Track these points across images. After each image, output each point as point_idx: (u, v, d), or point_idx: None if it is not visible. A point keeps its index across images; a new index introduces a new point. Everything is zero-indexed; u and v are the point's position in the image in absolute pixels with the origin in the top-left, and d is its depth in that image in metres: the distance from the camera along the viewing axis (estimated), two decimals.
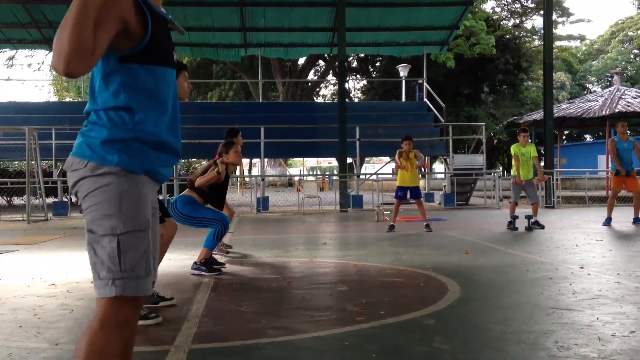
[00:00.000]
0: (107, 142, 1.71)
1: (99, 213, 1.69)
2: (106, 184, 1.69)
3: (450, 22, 20.23)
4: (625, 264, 5.53)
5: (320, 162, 60.77)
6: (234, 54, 22.80)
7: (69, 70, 1.55)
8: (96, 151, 1.71)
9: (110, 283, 1.66)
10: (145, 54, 1.74)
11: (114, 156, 1.70)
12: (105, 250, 1.67)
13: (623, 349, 2.82)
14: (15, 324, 3.57)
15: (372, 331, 3.30)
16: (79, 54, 1.54)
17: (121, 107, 1.73)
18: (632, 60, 45.76)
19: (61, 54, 1.53)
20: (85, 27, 1.55)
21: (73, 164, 1.75)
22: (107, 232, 1.68)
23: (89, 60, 1.58)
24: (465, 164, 17.04)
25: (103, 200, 1.69)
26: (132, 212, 1.71)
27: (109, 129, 1.72)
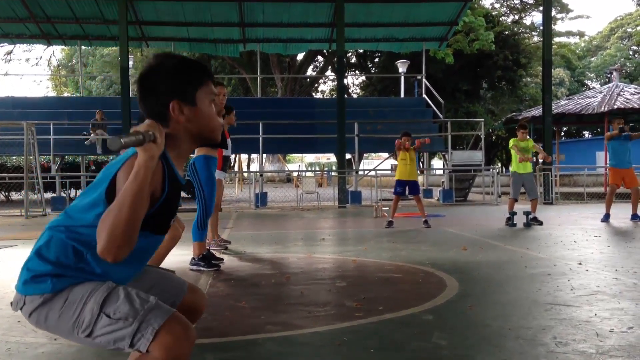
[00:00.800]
0: (37, 277, 1.66)
1: (67, 326, 1.64)
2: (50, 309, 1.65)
3: (450, 18, 20.22)
4: (624, 260, 5.54)
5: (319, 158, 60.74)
6: (233, 50, 22.78)
7: (118, 259, 1.53)
8: (29, 285, 1.67)
9: (136, 339, 1.58)
10: (146, 221, 1.63)
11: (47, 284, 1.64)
12: (104, 325, 1.60)
13: (621, 345, 2.83)
14: (14, 318, 3.57)
15: (370, 327, 3.30)
16: (130, 246, 1.54)
17: (75, 248, 1.66)
18: (631, 56, 45.80)
19: (112, 244, 1.50)
20: (139, 220, 1.54)
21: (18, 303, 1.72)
22: (85, 332, 1.62)
23: (132, 246, 1.56)
24: (464, 160, 17.05)
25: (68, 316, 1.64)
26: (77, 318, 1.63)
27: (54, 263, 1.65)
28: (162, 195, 1.67)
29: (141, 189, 1.53)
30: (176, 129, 1.73)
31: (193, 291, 2.02)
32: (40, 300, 1.65)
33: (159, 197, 1.66)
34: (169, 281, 1.98)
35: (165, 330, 1.58)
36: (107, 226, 1.51)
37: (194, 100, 1.74)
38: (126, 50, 15.81)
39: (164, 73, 1.73)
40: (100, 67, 39.02)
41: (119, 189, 1.58)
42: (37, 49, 40.94)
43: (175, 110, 1.71)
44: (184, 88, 1.73)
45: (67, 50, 40.93)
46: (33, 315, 1.68)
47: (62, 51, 42.64)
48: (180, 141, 1.76)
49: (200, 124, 1.76)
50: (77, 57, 32.01)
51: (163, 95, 1.71)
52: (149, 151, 1.54)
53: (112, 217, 1.51)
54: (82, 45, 23.11)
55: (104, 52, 38.14)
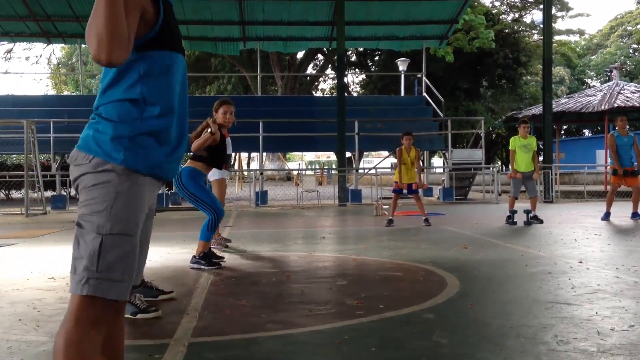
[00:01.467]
0: (115, 138, 1.67)
1: (90, 209, 1.67)
2: (105, 182, 1.67)
3: (450, 16, 20.19)
4: (624, 259, 5.54)
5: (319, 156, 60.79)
6: (233, 48, 22.75)
7: (112, 60, 1.54)
8: (102, 147, 1.68)
9: (84, 281, 1.63)
10: (159, 39, 1.72)
11: (119, 154, 1.66)
12: (88, 247, 1.64)
13: (622, 343, 2.83)
14: (15, 317, 3.57)
15: (371, 325, 3.30)
16: (119, 43, 1.54)
17: (134, 99, 1.70)
18: (631, 55, 45.78)
19: (101, 44, 1.52)
20: (120, 15, 1.55)
21: (77, 158, 1.72)
22: (93, 230, 1.65)
23: (128, 48, 1.57)
24: (464, 159, 17.05)
25: (97, 197, 1.67)
26: (123, 214, 1.67)
27: (117, 124, 1.68)
28: (159, 17, 1.72)
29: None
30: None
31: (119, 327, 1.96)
32: (106, 167, 1.67)
33: (154, 17, 1.70)
34: (141, 259, 1.96)
35: (102, 304, 1.64)
36: (91, 29, 1.54)
37: None
38: None
39: None
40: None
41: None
42: (37, 47, 40.87)
43: None
44: None
45: (67, 48, 40.89)
46: (88, 177, 1.69)
47: (62, 49, 42.61)
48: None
49: None
50: (77, 56, 31.99)
51: None
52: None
53: (93, 18, 1.54)
54: (82, 43, 23.03)
55: None
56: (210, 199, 5.40)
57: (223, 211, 5.56)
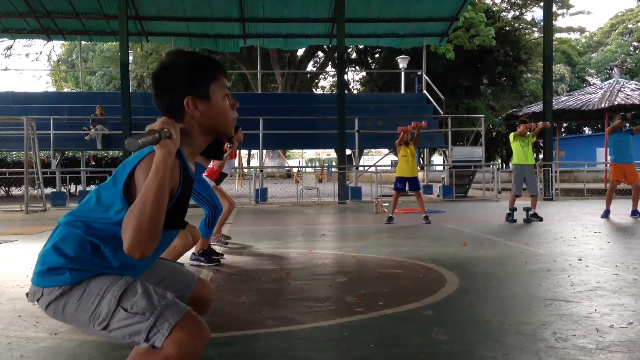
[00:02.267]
0: (53, 270, 1.67)
1: (85, 317, 1.66)
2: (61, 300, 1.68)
3: (450, 13, 20.16)
4: (623, 256, 5.54)
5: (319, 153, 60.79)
6: (233, 45, 22.73)
7: (146, 255, 1.55)
8: (47, 277, 1.68)
9: (150, 334, 1.59)
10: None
11: (65, 276, 1.66)
12: (125, 323, 1.62)
13: (621, 340, 2.83)
14: (14, 313, 3.57)
15: (370, 322, 3.30)
16: (155, 241, 1.55)
17: (93, 243, 1.68)
18: (631, 52, 45.71)
19: (139, 240, 1.52)
20: (164, 209, 1.56)
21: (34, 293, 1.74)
22: (101, 326, 1.64)
23: (158, 241, 1.58)
24: (464, 156, 17.04)
25: (84, 308, 1.66)
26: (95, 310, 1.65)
27: (70, 260, 1.67)
28: (177, 192, 1.70)
29: (162, 184, 1.55)
30: (190, 124, 1.76)
31: (202, 284, 2.06)
32: (59, 292, 1.67)
33: (174, 194, 1.69)
34: (179, 274, 2.01)
35: (180, 327, 1.59)
36: (132, 224, 1.52)
37: (208, 95, 1.77)
38: (126, 46, 15.77)
39: (177, 70, 1.75)
40: (100, 62, 38.95)
41: (138, 186, 1.61)
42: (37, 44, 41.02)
43: (190, 105, 1.74)
44: (197, 84, 1.76)
45: (67, 45, 40.86)
46: (50, 307, 1.70)
47: (62, 46, 42.58)
48: (194, 137, 1.79)
49: (215, 118, 1.79)
50: (77, 52, 31.98)
51: (177, 92, 1.74)
52: (166, 147, 1.57)
53: (137, 214, 1.53)
54: (82, 40, 23.05)
55: (104, 47, 38.06)
56: (208, 194, 5.41)
57: (221, 208, 5.56)
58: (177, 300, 1.67)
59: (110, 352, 2.78)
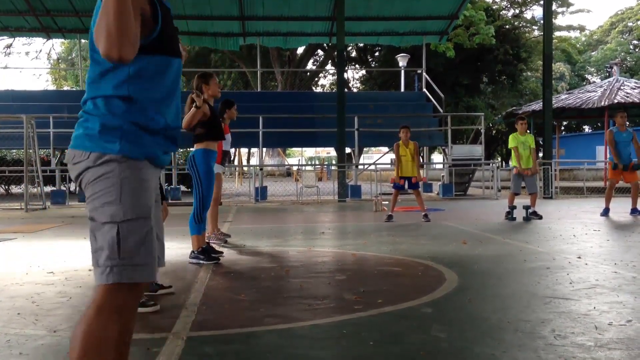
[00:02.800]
0: (106, 131, 1.71)
1: (99, 201, 1.70)
2: (107, 172, 1.70)
3: (450, 11, 20.15)
4: (623, 254, 5.54)
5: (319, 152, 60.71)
6: (233, 43, 22.71)
7: (123, 55, 1.56)
8: (96, 141, 1.71)
9: (109, 270, 1.66)
10: (155, 44, 1.75)
11: (115, 144, 1.70)
12: (105, 237, 1.68)
13: (620, 338, 2.83)
14: (14, 311, 3.58)
15: (370, 319, 3.31)
16: (128, 39, 1.56)
17: (122, 96, 1.72)
18: (631, 51, 45.69)
19: (112, 40, 1.54)
20: (129, 11, 1.57)
21: (75, 156, 1.75)
22: (107, 220, 1.68)
23: (136, 45, 1.60)
24: (464, 155, 17.04)
25: (104, 189, 1.69)
26: (133, 199, 1.71)
27: (107, 117, 1.72)
28: (156, 17, 1.73)
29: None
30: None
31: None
32: (105, 158, 1.70)
33: (152, 20, 1.72)
34: (160, 237, 2.03)
35: (126, 291, 1.68)
36: (101, 26, 1.56)
37: None
38: None
39: None
40: None
41: None
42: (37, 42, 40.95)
43: None
44: None
45: (66, 43, 40.84)
46: (90, 172, 1.72)
47: (61, 44, 42.56)
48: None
49: None
50: (76, 51, 31.95)
51: None
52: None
53: (103, 15, 1.55)
54: (81, 38, 23.02)
55: None
56: (207, 190, 5.43)
57: (209, 205, 5.57)
58: (154, 268, 1.73)
59: None
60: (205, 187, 5.40)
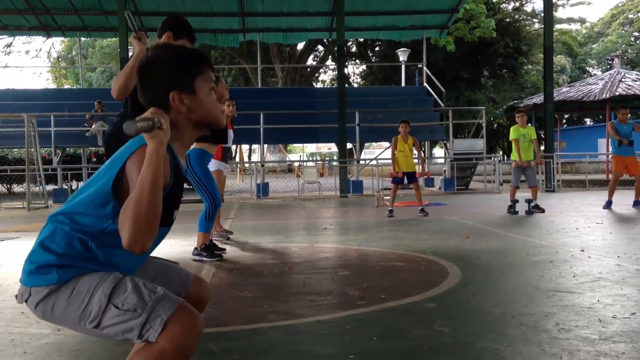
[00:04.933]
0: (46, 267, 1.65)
1: (73, 317, 1.64)
2: (57, 300, 1.64)
3: (450, 5, 20.10)
4: (626, 247, 5.53)
5: (320, 147, 60.73)
6: (233, 40, 22.68)
7: (145, 249, 1.53)
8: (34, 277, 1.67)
9: (142, 330, 1.57)
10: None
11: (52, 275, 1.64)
12: (115, 328, 1.60)
13: (624, 331, 2.83)
14: (17, 310, 3.58)
15: (373, 315, 3.30)
16: (153, 234, 1.54)
17: (83, 241, 1.65)
18: (632, 43, 45.55)
19: (139, 234, 1.50)
20: (160, 201, 1.54)
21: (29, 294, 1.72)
22: (93, 324, 1.61)
23: (156, 235, 1.57)
24: (465, 149, 17.02)
25: (69, 310, 1.64)
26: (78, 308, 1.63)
27: (59, 256, 1.64)
28: (169, 186, 1.68)
29: (157, 175, 1.54)
30: (178, 119, 1.74)
31: (198, 282, 2.00)
32: (46, 291, 1.64)
33: (165, 187, 1.66)
34: (174, 272, 1.97)
35: (173, 321, 1.57)
36: (129, 217, 1.50)
37: (193, 89, 1.75)
38: (125, 41, 15.71)
39: (161, 64, 1.74)
40: (100, 59, 38.94)
41: (130, 180, 1.59)
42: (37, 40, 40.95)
43: (176, 100, 1.72)
44: (182, 78, 1.74)
45: (66, 41, 40.86)
46: (39, 307, 1.67)
47: (61, 43, 42.58)
48: (182, 130, 1.77)
49: (202, 111, 1.77)
50: (76, 49, 31.93)
51: (162, 87, 1.72)
52: (157, 137, 1.56)
53: (134, 207, 1.51)
54: (81, 36, 23.04)
55: (104, 44, 38.03)
56: (212, 186, 5.41)
57: (220, 201, 5.56)
58: (168, 293, 1.63)
59: (114, 348, 2.78)
60: (209, 186, 5.38)
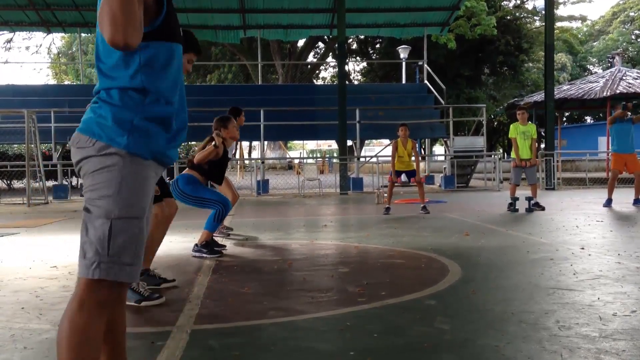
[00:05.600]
0: (117, 123, 1.68)
1: (97, 193, 1.68)
2: (110, 165, 1.68)
3: (451, 2, 20.06)
4: (626, 245, 5.54)
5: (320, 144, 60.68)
6: (233, 36, 22.65)
7: (129, 41, 1.54)
8: (105, 131, 1.68)
9: (95, 265, 1.66)
10: (161, 31, 1.74)
11: (122, 138, 1.68)
12: (97, 231, 1.67)
13: (624, 328, 2.83)
14: (18, 305, 3.58)
15: (373, 312, 3.31)
16: (134, 25, 1.55)
17: (136, 88, 1.71)
18: (633, 41, 45.50)
19: (117, 27, 1.53)
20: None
21: (80, 140, 1.72)
22: (101, 214, 1.67)
23: (141, 31, 1.59)
24: (466, 146, 17.01)
25: (104, 182, 1.67)
26: (130, 198, 1.69)
27: (120, 109, 1.69)
28: (160, 3, 1.74)
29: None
30: None
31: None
32: (110, 150, 1.68)
33: (156, 6, 1.72)
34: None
35: (109, 288, 1.68)
36: (105, 12, 1.55)
37: None
38: None
39: None
40: None
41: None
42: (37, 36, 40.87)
43: None
44: None
45: (67, 37, 40.79)
46: (92, 160, 1.70)
47: (62, 39, 42.52)
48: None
49: None
50: (77, 45, 31.88)
51: None
52: None
53: (105, 2, 1.55)
54: (81, 32, 22.98)
55: None
56: (214, 194, 5.44)
57: (229, 203, 5.56)
58: (138, 270, 1.74)
59: None
60: (211, 196, 5.41)
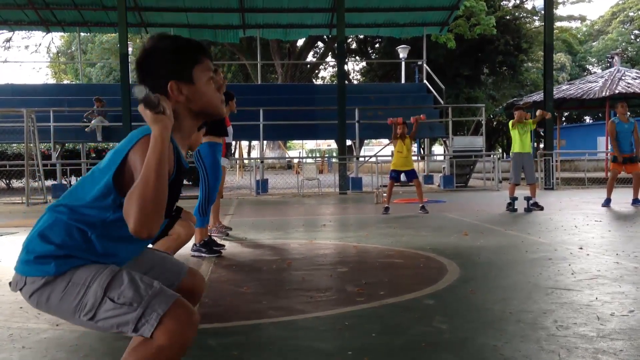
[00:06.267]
0: (44, 257, 1.65)
1: (70, 307, 1.63)
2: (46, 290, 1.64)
3: (451, 2, 20.07)
4: (624, 245, 5.54)
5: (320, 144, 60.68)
6: (233, 36, 22.65)
7: (152, 234, 1.53)
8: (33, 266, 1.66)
9: (141, 324, 1.57)
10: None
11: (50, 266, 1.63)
12: (108, 309, 1.60)
13: (622, 328, 2.84)
14: (16, 305, 3.58)
15: (372, 311, 3.31)
16: (161, 217, 1.54)
17: (82, 231, 1.65)
18: (632, 41, 45.52)
19: (146, 220, 1.50)
20: (166, 187, 1.54)
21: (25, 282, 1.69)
22: (91, 306, 1.61)
23: (162, 220, 1.57)
24: (465, 146, 17.02)
25: (68, 299, 1.63)
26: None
27: (58, 247, 1.64)
28: (172, 176, 1.68)
29: (162, 160, 1.54)
30: (177, 109, 1.74)
31: (192, 274, 2.01)
32: (42, 281, 1.63)
33: (169, 176, 1.66)
34: (168, 263, 1.97)
35: (169, 316, 1.57)
36: (136, 203, 1.50)
37: (192, 79, 1.75)
38: (125, 37, 15.70)
39: (159, 55, 1.74)
40: (100, 54, 38.84)
41: (134, 168, 1.59)
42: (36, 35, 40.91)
43: (174, 90, 1.72)
44: (180, 67, 1.73)
45: (66, 37, 40.76)
46: (34, 297, 1.66)
47: (61, 38, 42.48)
48: (182, 120, 1.77)
49: (201, 101, 1.77)
50: (76, 44, 31.87)
51: (160, 77, 1.72)
52: (161, 122, 1.57)
53: (140, 192, 1.51)
54: (81, 31, 22.99)
55: (103, 39, 37.94)
56: (214, 181, 5.42)
57: (214, 199, 5.56)
58: (164, 288, 1.63)
59: (113, 343, 2.78)
60: (212, 180, 5.40)
